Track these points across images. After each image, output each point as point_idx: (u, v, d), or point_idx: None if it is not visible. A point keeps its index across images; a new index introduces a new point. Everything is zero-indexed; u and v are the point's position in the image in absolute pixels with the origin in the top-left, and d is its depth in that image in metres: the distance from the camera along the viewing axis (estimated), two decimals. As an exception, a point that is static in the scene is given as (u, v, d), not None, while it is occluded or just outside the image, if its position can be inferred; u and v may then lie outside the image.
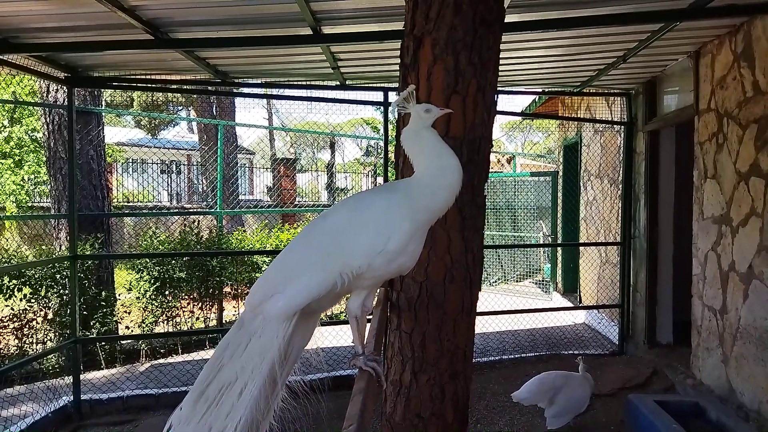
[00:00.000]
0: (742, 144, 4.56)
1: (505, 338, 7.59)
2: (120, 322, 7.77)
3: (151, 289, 7.59)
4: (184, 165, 19.35)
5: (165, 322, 7.82)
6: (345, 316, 1.69)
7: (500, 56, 2.66)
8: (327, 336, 6.56)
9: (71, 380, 5.64)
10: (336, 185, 18.19)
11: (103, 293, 7.39)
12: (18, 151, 12.32)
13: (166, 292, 7.70)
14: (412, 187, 1.65)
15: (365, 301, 1.66)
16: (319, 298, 1.56)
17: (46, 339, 6.96)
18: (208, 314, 8.30)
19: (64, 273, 6.71)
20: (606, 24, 4.32)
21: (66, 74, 5.49)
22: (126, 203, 15.04)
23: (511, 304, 9.45)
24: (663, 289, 6.48)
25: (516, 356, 6.83)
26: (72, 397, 5.59)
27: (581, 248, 9.06)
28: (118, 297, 8.16)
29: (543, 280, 11.13)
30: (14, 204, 11.92)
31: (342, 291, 1.60)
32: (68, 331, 6.29)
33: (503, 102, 10.66)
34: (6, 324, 6.74)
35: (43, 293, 6.77)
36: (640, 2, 4.13)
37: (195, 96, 15.81)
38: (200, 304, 8.11)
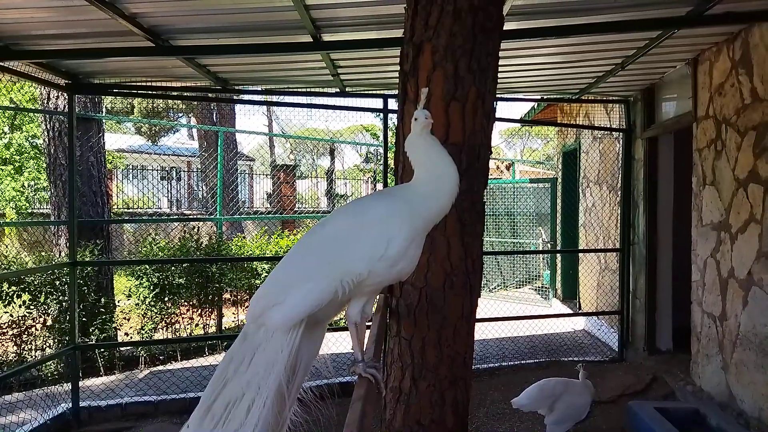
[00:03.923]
0: (741, 151, 4.57)
1: (504, 345, 7.58)
2: (119, 329, 7.76)
3: (151, 295, 7.58)
4: (184, 171, 19.35)
5: (164, 328, 7.81)
6: (344, 322, 1.68)
7: (499, 63, 2.68)
8: (326, 342, 6.54)
9: (70, 387, 5.62)
10: (336, 192, 18.19)
11: (103, 300, 7.38)
12: (18, 157, 12.36)
13: (166, 299, 7.69)
14: (410, 192, 1.64)
15: (365, 308, 1.65)
16: (322, 307, 1.54)
17: (45, 345, 6.94)
18: (208, 321, 8.28)
19: (64, 279, 6.71)
20: (604, 32, 4.34)
21: (66, 81, 5.50)
22: (126, 210, 15.04)
23: (511, 310, 9.44)
24: (662, 295, 6.48)
25: (516, 363, 6.81)
26: (71, 404, 5.57)
27: (580, 255, 9.06)
28: (117, 303, 8.15)
29: (542, 287, 11.13)
30: (14, 210, 11.93)
31: (344, 298, 1.58)
32: (67, 338, 6.28)
33: (502, 109, 10.68)
34: (5, 331, 6.73)
35: (42, 300, 6.76)
36: (639, 10, 4.15)
37: (195, 103, 15.85)
38: (200, 310, 8.09)
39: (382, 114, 6.42)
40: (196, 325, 8.13)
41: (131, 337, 7.72)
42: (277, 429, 1.53)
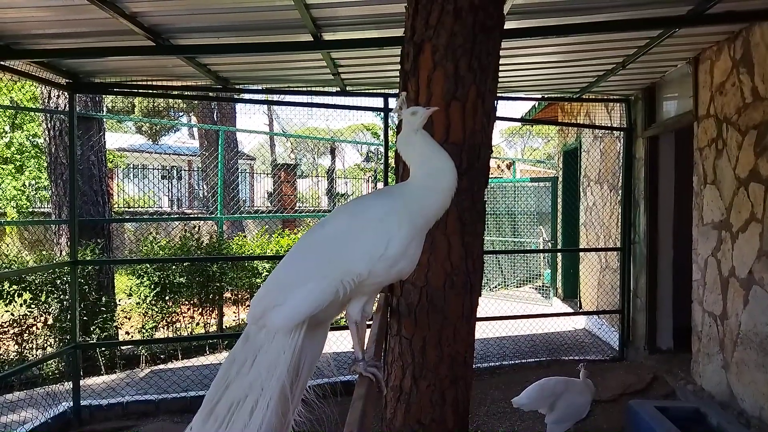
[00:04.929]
0: (742, 150, 4.57)
1: (505, 344, 7.58)
2: (120, 328, 7.77)
3: (152, 294, 7.59)
4: (184, 170, 19.33)
5: (165, 327, 7.82)
6: (345, 321, 1.68)
7: (500, 62, 2.68)
8: (327, 341, 6.55)
9: (71, 386, 5.63)
10: (336, 191, 18.19)
11: (104, 298, 7.39)
12: (19, 156, 12.36)
13: (167, 298, 7.70)
14: (408, 190, 1.63)
15: (365, 307, 1.64)
16: (323, 307, 1.53)
17: (46, 344, 6.96)
18: (209, 320, 8.29)
19: (65, 278, 6.72)
20: (605, 31, 4.33)
21: (67, 80, 5.51)
22: (127, 209, 15.05)
23: (512, 309, 9.44)
24: (663, 294, 6.47)
25: (516, 362, 6.82)
26: (72, 403, 5.58)
27: (581, 254, 9.06)
28: (118, 302, 8.16)
29: (543, 286, 11.12)
30: (15, 209, 11.94)
31: (345, 298, 1.57)
32: (68, 337, 6.29)
33: (503, 108, 10.67)
34: (6, 329, 6.74)
35: (43, 299, 6.77)
36: (639, 9, 4.15)
37: (196, 102, 15.85)
38: (200, 309, 8.11)
39: (382, 113, 6.42)
40: (197, 324, 8.15)
41: (132, 336, 7.73)
42: (280, 430, 1.52)
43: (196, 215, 14.15)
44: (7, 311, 6.73)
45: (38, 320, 6.87)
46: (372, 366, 1.66)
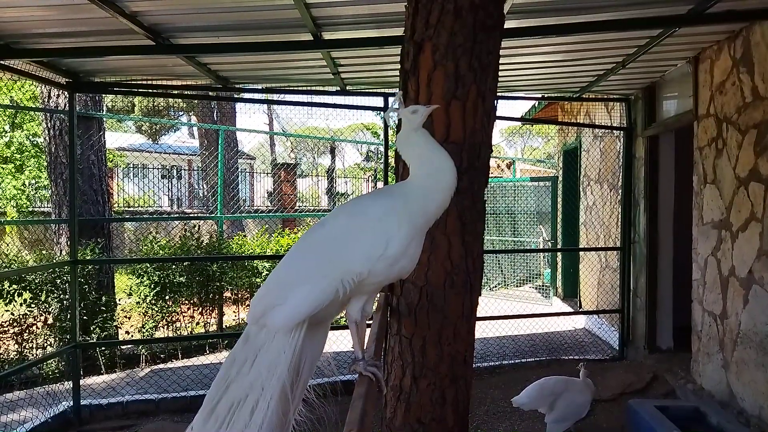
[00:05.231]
0: (742, 149, 4.57)
1: (505, 343, 7.58)
2: (120, 327, 7.77)
3: (152, 294, 7.59)
4: (184, 170, 19.32)
5: (165, 327, 7.82)
6: (345, 321, 1.68)
7: (500, 61, 2.67)
8: (327, 341, 6.55)
9: (71, 385, 5.63)
10: (336, 190, 18.20)
11: (104, 298, 7.39)
12: (19, 155, 12.37)
13: (167, 297, 7.70)
14: (408, 189, 1.63)
15: (365, 306, 1.64)
16: (323, 307, 1.53)
17: (46, 344, 6.96)
18: (209, 319, 8.29)
19: (65, 278, 6.72)
20: (605, 30, 4.33)
21: (67, 79, 5.51)
22: (127, 208, 15.05)
23: (511, 309, 9.44)
24: (663, 294, 6.47)
25: (516, 361, 6.82)
26: (72, 403, 5.59)
27: (581, 253, 9.06)
28: (118, 302, 8.16)
29: (543, 285, 11.13)
30: (15, 209, 11.94)
31: (345, 298, 1.57)
32: (68, 336, 6.29)
33: (503, 107, 10.66)
34: (6, 329, 6.74)
35: (43, 298, 6.77)
36: (640, 8, 4.15)
37: (196, 101, 15.84)
38: (200, 309, 8.11)
39: (382, 112, 6.43)
40: (197, 323, 8.15)
41: (132, 336, 7.73)
42: (281, 430, 1.52)
43: (196, 215, 14.15)
44: (7, 311, 6.73)
45: (38, 320, 6.87)
46: (372, 365, 1.65)
